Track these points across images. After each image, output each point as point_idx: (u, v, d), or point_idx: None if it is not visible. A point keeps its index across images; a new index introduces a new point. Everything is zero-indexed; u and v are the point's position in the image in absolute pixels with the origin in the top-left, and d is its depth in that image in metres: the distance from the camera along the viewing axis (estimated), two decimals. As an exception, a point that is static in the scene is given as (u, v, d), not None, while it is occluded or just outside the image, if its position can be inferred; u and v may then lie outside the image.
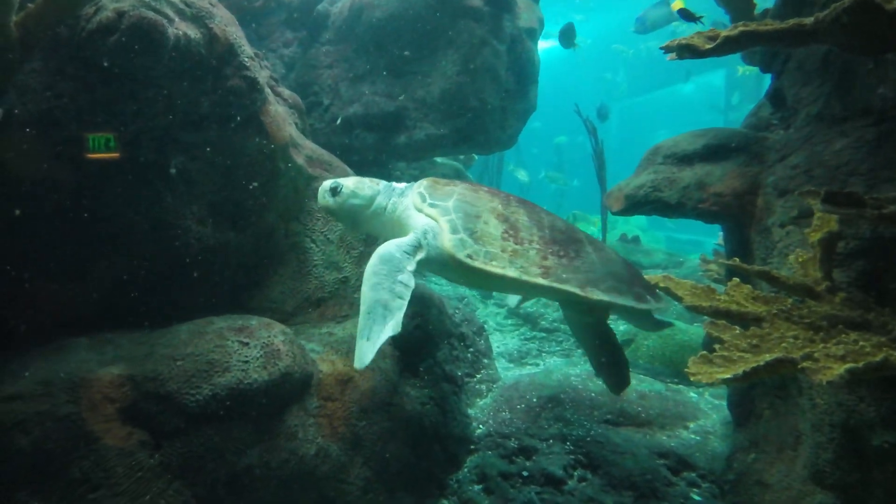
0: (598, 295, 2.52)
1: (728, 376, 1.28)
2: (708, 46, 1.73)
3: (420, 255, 2.55)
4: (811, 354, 1.31)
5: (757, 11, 3.37)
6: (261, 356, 2.38)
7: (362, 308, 2.36)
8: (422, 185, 2.75)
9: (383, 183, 2.86)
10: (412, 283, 2.51)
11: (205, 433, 2.30)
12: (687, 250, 8.93)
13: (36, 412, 2.16)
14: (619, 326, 5.77)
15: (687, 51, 1.79)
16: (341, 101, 5.39)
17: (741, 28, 1.68)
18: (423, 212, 2.63)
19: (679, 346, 4.54)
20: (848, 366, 1.16)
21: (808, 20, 1.58)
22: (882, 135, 2.19)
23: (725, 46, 1.71)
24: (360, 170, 4.80)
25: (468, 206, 2.62)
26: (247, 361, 2.35)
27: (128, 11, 2.38)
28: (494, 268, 2.49)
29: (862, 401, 1.88)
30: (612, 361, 2.96)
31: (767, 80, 3.19)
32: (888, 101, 2.18)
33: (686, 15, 4.86)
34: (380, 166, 5.71)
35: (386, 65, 5.21)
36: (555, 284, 2.50)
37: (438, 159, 7.34)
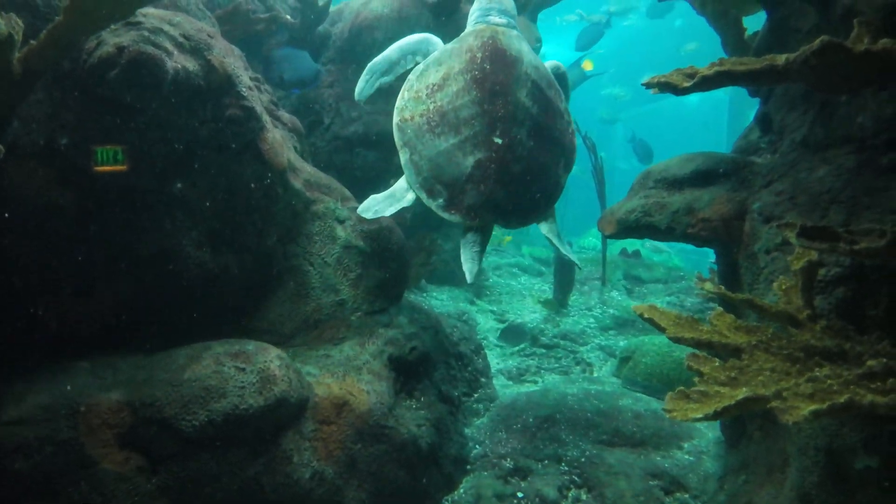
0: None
1: (699, 416, 1.31)
2: (686, 84, 1.78)
3: None
4: (780, 392, 1.34)
5: (748, 33, 3.43)
6: (257, 381, 2.43)
7: None
8: None
9: None
10: None
11: (201, 458, 2.36)
12: (696, 262, 8.91)
13: (36, 437, 2.22)
14: (620, 342, 5.80)
15: (667, 88, 1.84)
16: (342, 120, 5.47)
17: (717, 68, 1.73)
18: None
19: (677, 363, 4.55)
20: (812, 407, 1.20)
21: (780, 61, 1.62)
22: (861, 163, 2.23)
23: (703, 84, 1.76)
24: (361, 186, 4.88)
25: None
26: (243, 387, 2.41)
27: (128, 46, 2.46)
28: None
29: (844, 425, 1.91)
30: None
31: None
32: (867, 130, 2.22)
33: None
34: (381, 183, 5.78)
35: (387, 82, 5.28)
36: None
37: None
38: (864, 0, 2.05)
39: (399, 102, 2.97)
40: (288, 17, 5.49)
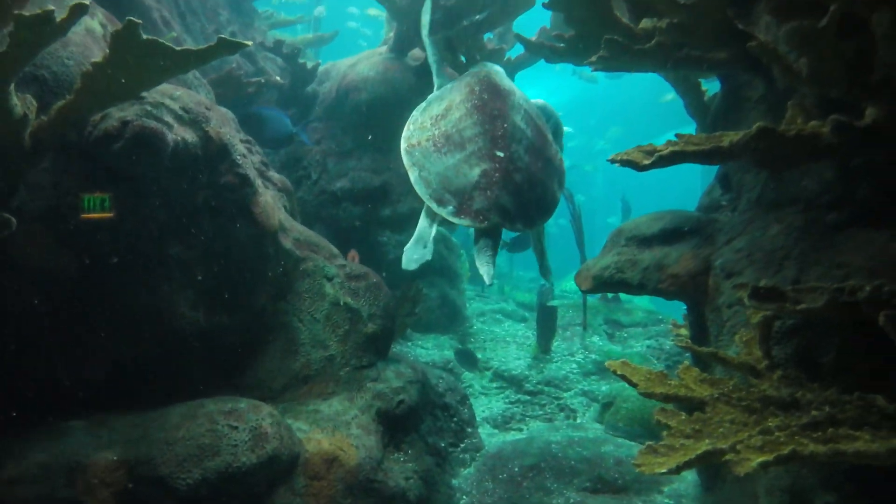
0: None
1: (664, 470, 1.45)
2: (646, 162, 1.98)
3: None
4: (735, 445, 1.48)
5: (708, 95, 3.71)
6: (249, 439, 2.52)
7: None
8: None
9: None
10: None
11: (195, 516, 2.42)
12: (675, 304, 9.07)
13: (36, 495, 2.29)
14: (602, 387, 5.92)
15: (628, 164, 2.04)
16: (329, 176, 5.68)
17: (671, 148, 1.94)
18: None
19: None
20: (760, 459, 1.34)
21: (725, 143, 1.84)
22: (809, 222, 2.44)
23: (660, 162, 1.97)
24: (347, 238, 5.04)
25: None
26: (236, 445, 2.49)
27: (132, 121, 2.62)
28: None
29: (804, 466, 2.06)
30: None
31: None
32: (812, 191, 2.45)
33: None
34: (366, 234, 5.95)
35: (372, 142, 5.52)
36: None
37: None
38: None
39: (405, 133, 3.19)
40: (278, 77, 5.76)
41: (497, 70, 3.30)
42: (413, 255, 3.01)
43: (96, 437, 2.50)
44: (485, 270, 2.82)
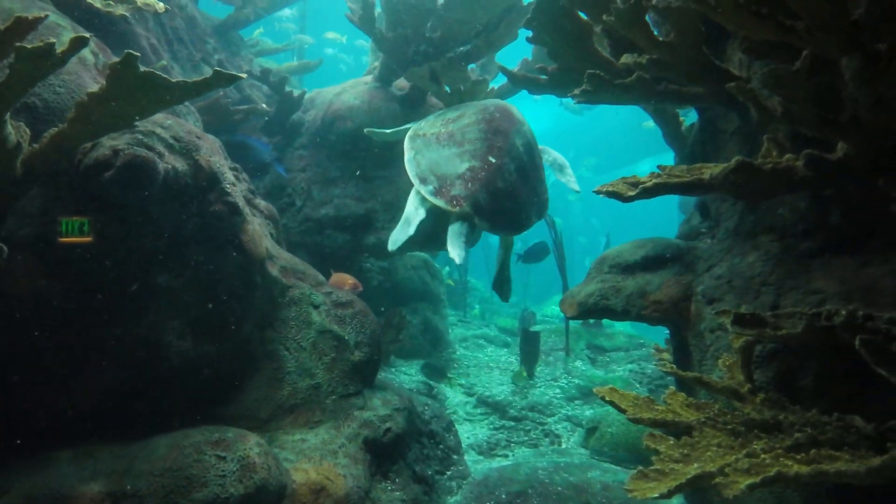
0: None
1: (656, 494, 1.49)
2: (630, 193, 2.06)
3: None
4: (724, 468, 1.53)
5: (685, 125, 3.84)
6: (237, 470, 2.49)
7: None
8: None
9: None
10: None
11: (181, 550, 2.37)
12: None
13: (16, 532, 2.22)
14: (586, 412, 5.95)
15: (613, 195, 2.12)
16: (314, 203, 5.71)
17: (655, 180, 2.03)
18: None
19: (641, 432, 4.72)
20: (748, 481, 1.38)
21: (706, 176, 1.92)
22: (784, 249, 2.54)
23: (644, 194, 2.05)
24: (331, 265, 5.04)
25: None
26: (224, 476, 2.46)
27: (123, 150, 2.64)
28: None
29: (788, 487, 2.11)
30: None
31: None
32: (787, 220, 2.55)
33: None
34: (350, 262, 5.97)
35: (356, 170, 5.58)
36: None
37: (406, 251, 7.66)
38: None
39: (416, 126, 3.48)
40: (264, 105, 5.81)
41: (514, 106, 3.62)
42: (396, 235, 3.17)
43: (81, 468, 2.46)
44: (456, 253, 2.98)
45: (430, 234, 5.20)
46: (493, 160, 3.14)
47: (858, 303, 2.04)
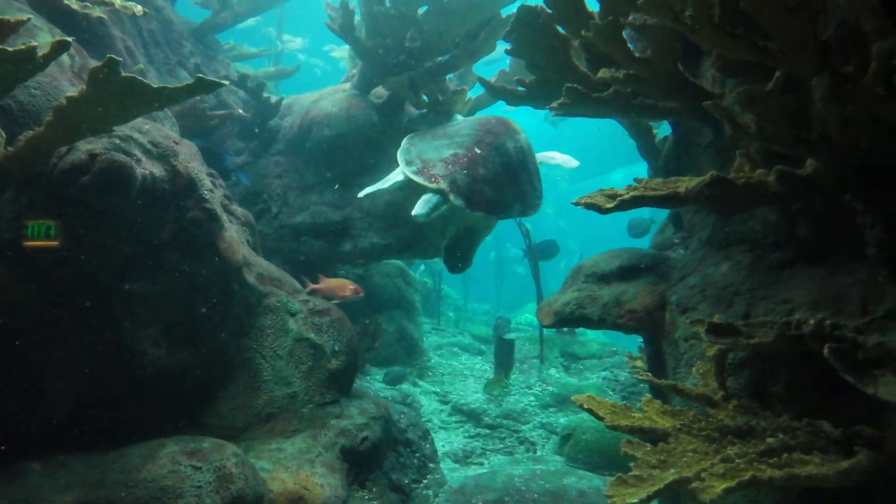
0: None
1: (635, 500, 1.52)
2: (609, 205, 2.11)
3: None
4: (700, 473, 1.58)
5: (659, 137, 3.94)
6: (213, 480, 2.46)
7: None
8: None
9: None
10: None
11: (155, 563, 2.32)
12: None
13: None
14: (560, 419, 6.01)
15: (592, 207, 2.17)
16: (290, 210, 5.66)
17: (632, 192, 2.08)
18: None
19: (616, 438, 4.79)
20: (724, 485, 1.43)
21: (682, 189, 1.99)
22: (755, 260, 2.62)
23: (622, 206, 2.10)
24: (307, 272, 5.01)
25: None
26: (200, 486, 2.42)
27: (100, 154, 2.59)
28: None
29: (762, 490, 2.17)
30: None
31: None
32: (757, 232, 2.64)
33: None
34: (326, 269, 5.93)
35: (333, 177, 5.56)
36: None
37: (382, 259, 7.65)
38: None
39: (417, 132, 3.86)
40: (241, 111, 5.76)
41: (515, 121, 3.85)
42: (369, 190, 3.66)
43: (54, 479, 2.39)
44: (418, 211, 3.18)
45: (408, 242, 5.22)
46: (479, 151, 3.39)
47: (826, 312, 2.12)
